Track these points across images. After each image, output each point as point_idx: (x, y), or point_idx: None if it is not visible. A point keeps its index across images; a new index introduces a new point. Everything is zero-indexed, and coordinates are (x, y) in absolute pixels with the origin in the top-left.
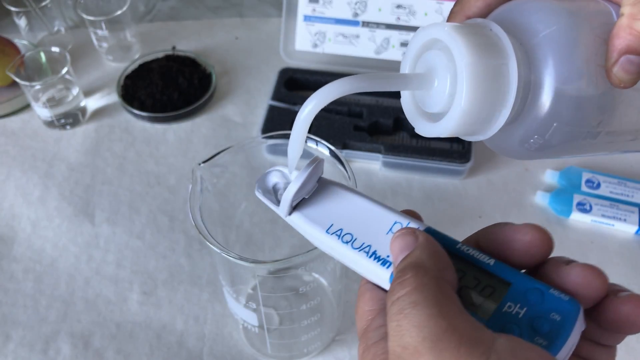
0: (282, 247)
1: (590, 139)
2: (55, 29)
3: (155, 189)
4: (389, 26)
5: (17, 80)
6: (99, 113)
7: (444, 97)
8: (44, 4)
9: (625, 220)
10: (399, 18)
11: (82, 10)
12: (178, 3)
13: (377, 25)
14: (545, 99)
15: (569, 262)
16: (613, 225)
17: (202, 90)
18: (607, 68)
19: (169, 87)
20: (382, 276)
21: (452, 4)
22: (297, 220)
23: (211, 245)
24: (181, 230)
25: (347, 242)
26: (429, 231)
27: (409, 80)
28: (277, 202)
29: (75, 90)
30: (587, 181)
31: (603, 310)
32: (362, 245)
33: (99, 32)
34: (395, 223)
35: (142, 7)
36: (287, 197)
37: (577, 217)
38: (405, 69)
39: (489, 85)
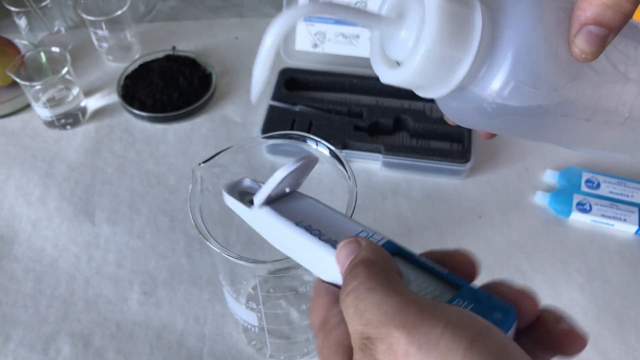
0: None
1: (544, 109)
2: (56, 29)
3: (156, 189)
4: None
5: (17, 80)
6: (99, 113)
7: (410, 41)
8: (44, 4)
9: (625, 220)
10: None
11: (82, 11)
12: (178, 3)
13: None
14: (506, 56)
15: (509, 285)
16: (613, 225)
17: (202, 90)
18: (569, 39)
19: (169, 87)
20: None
21: None
22: (267, 214)
23: (211, 245)
24: (181, 230)
25: (315, 235)
26: (389, 244)
27: (378, 19)
28: (246, 204)
29: (75, 90)
30: (587, 181)
31: (538, 329)
32: (329, 240)
33: (99, 32)
34: (361, 231)
35: (142, 7)
36: (273, 180)
37: (577, 217)
38: (377, 10)
39: (454, 29)
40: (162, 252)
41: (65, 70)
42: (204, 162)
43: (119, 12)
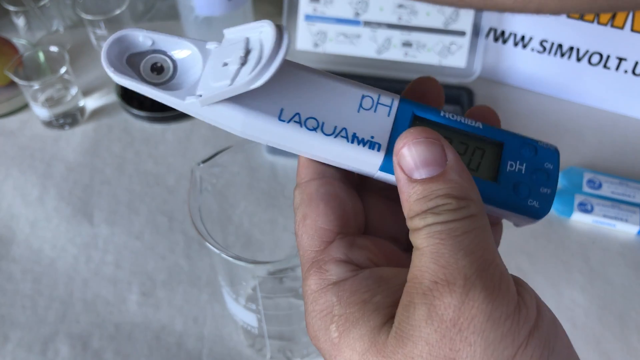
0: (282, 247)
1: None
2: (54, 28)
3: (154, 189)
4: (391, 26)
5: (16, 80)
6: (97, 113)
7: None
8: (42, 3)
9: (626, 220)
10: (400, 18)
11: (81, 10)
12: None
13: (379, 25)
14: None
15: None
16: (614, 226)
17: None
18: None
19: None
20: (372, 162)
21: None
22: (220, 110)
23: (210, 246)
24: (180, 231)
25: (313, 129)
26: (408, 105)
27: None
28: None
29: (74, 90)
30: (589, 181)
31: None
32: (335, 130)
33: (98, 31)
34: (363, 97)
35: (141, 6)
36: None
37: (578, 218)
38: None
39: None
40: (161, 252)
41: (63, 69)
42: (203, 162)
43: (118, 12)
